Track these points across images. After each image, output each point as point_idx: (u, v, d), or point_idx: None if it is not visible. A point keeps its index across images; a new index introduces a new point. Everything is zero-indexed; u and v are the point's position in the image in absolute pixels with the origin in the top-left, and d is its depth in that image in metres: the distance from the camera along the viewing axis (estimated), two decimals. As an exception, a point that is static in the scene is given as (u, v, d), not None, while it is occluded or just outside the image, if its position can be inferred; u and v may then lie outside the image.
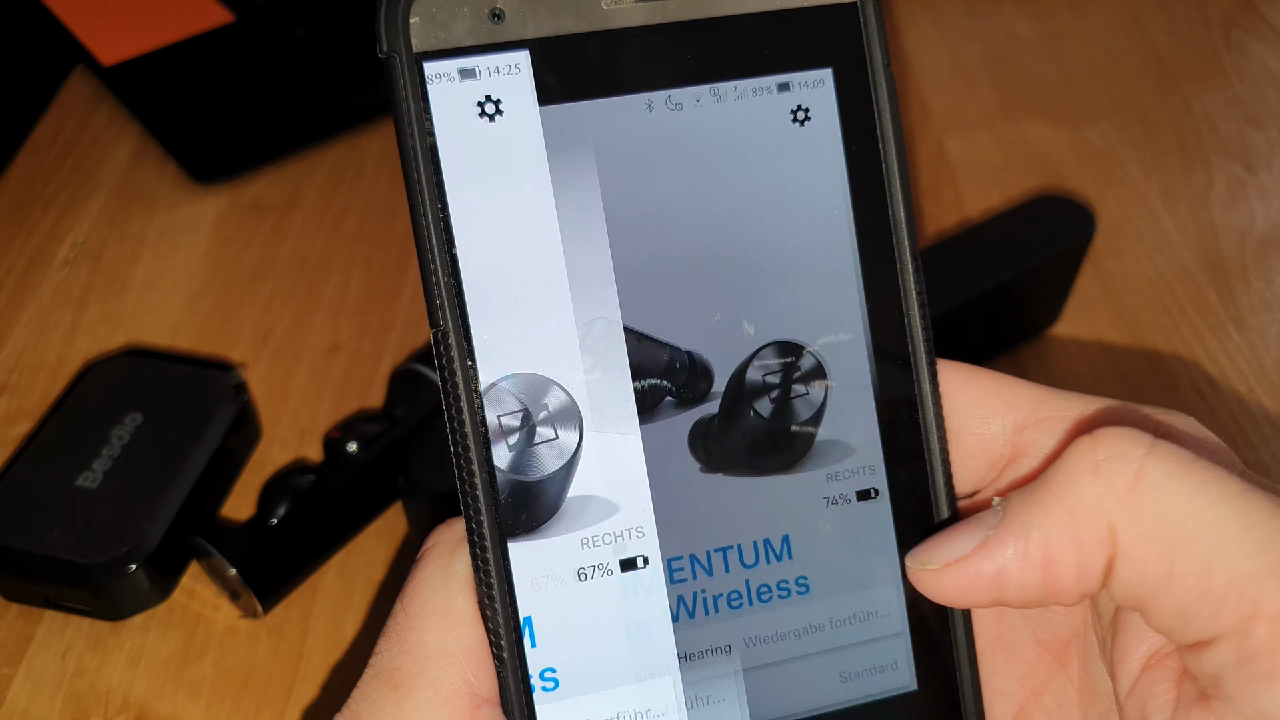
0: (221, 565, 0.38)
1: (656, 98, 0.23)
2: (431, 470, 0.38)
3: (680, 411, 0.24)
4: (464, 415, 0.22)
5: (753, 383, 0.25)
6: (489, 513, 0.22)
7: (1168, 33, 0.67)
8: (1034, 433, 0.24)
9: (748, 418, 0.25)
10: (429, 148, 0.22)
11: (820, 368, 0.25)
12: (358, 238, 0.54)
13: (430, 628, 0.22)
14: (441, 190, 0.22)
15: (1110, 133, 0.60)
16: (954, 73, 0.64)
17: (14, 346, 0.49)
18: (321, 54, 0.64)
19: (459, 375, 0.22)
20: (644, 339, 0.24)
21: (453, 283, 0.22)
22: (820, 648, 0.25)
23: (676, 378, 0.24)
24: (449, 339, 0.22)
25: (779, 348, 0.25)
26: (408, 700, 0.21)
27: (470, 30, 0.22)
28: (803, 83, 0.25)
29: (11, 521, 0.38)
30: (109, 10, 0.66)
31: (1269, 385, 0.47)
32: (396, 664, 0.21)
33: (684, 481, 0.24)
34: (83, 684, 0.37)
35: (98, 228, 0.55)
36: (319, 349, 0.49)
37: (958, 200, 0.55)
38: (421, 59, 0.22)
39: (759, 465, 0.25)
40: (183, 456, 0.40)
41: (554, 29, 0.22)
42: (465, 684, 0.21)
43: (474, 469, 0.22)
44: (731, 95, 0.24)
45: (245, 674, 0.38)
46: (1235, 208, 0.55)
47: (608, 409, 0.24)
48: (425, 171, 0.22)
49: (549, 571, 0.23)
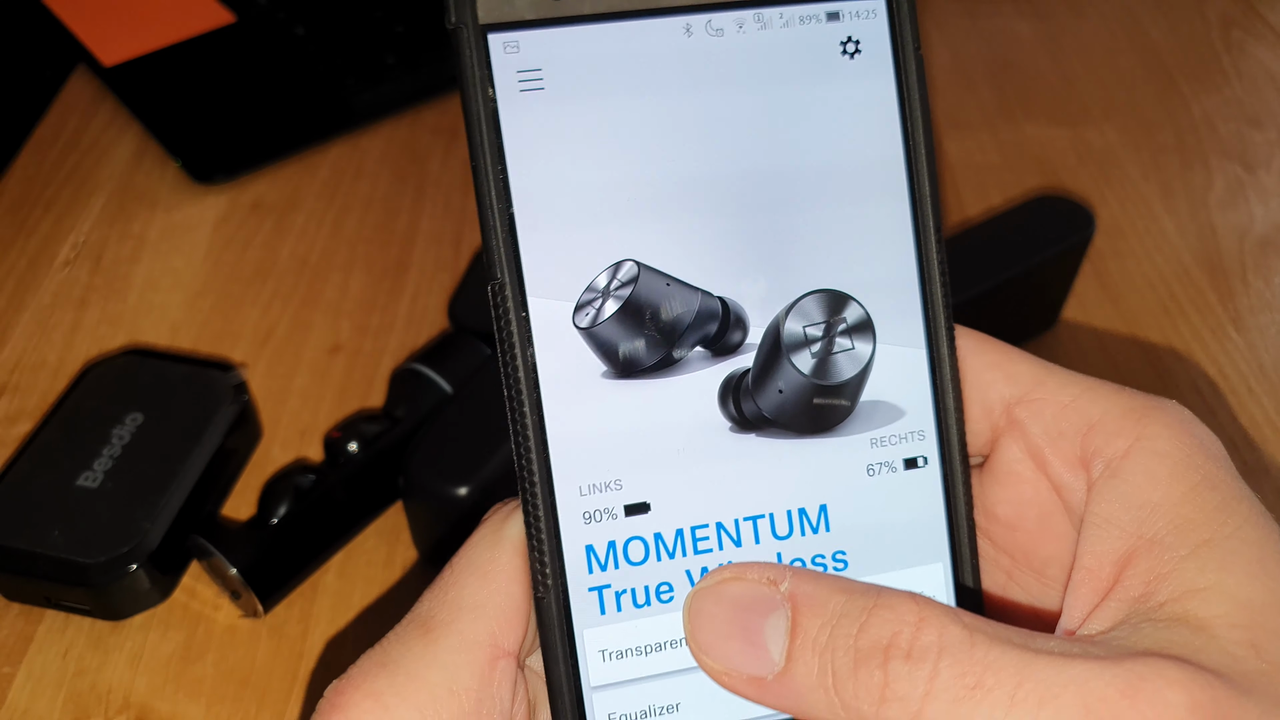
0: (222, 565, 0.38)
1: (696, 21, 0.24)
2: (431, 471, 0.38)
3: (711, 363, 0.24)
4: (517, 361, 0.23)
5: (792, 334, 0.24)
6: (539, 459, 0.23)
7: (1167, 33, 0.67)
8: (1023, 411, 0.24)
9: (785, 371, 0.24)
10: (491, 112, 0.23)
11: (868, 321, 0.24)
12: (358, 238, 0.54)
13: (468, 584, 0.23)
14: (501, 152, 0.23)
15: (1110, 133, 0.60)
16: (954, 73, 0.64)
17: (15, 346, 0.49)
18: (322, 54, 0.64)
19: (514, 325, 0.23)
20: (673, 282, 0.24)
21: (510, 238, 0.23)
22: None
23: (708, 326, 0.24)
24: (505, 290, 0.23)
25: (822, 296, 0.24)
26: (435, 644, 0.22)
27: (531, 5, 0.23)
28: (853, 12, 0.24)
29: (12, 521, 0.38)
30: (110, 11, 0.66)
31: (1268, 385, 0.47)
32: (432, 613, 0.23)
33: (710, 440, 0.24)
34: (83, 684, 0.37)
35: (98, 228, 0.55)
36: (319, 349, 0.49)
37: (957, 200, 0.55)
38: (486, 30, 0.23)
39: (795, 425, 0.24)
40: (183, 456, 0.40)
41: (608, 5, 0.23)
42: (490, 636, 0.23)
43: (525, 411, 0.23)
44: (777, 22, 0.24)
45: (246, 673, 0.38)
46: (1234, 208, 0.55)
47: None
48: (488, 135, 0.23)
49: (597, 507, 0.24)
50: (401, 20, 0.66)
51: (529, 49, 0.23)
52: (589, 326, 0.23)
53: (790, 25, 0.24)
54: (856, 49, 0.24)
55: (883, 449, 0.24)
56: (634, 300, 0.23)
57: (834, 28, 0.24)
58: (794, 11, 0.24)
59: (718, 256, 0.24)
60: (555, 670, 0.23)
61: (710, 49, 0.24)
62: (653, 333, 0.24)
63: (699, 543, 0.24)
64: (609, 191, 0.23)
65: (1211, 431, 0.23)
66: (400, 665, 0.22)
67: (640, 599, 0.23)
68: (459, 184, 0.57)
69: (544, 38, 0.23)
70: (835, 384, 0.24)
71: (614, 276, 0.23)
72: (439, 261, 0.53)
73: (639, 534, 0.23)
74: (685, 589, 0.23)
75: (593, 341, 0.23)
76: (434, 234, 0.54)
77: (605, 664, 0.23)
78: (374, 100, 0.61)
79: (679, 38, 0.24)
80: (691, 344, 0.24)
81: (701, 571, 0.23)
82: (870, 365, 0.24)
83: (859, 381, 0.24)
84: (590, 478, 0.23)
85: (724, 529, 0.24)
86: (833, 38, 0.24)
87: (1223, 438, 0.23)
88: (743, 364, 0.24)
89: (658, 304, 0.24)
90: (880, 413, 0.24)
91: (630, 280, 0.23)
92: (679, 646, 0.23)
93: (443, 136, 0.60)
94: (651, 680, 0.23)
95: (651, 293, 0.23)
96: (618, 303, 0.23)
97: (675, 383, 0.24)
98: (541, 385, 0.23)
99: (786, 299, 0.24)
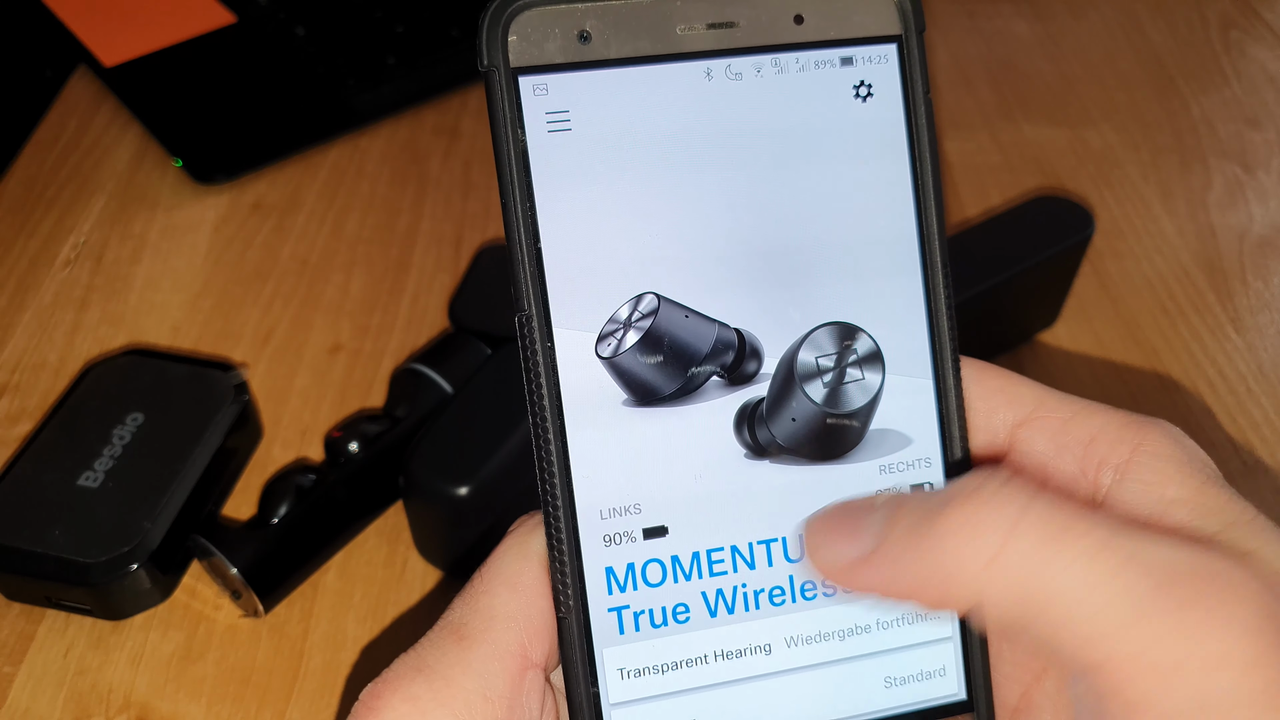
0: (223, 564, 0.38)
1: (716, 66, 0.25)
2: (432, 470, 0.38)
3: (727, 392, 0.25)
4: (543, 389, 0.24)
5: (805, 365, 0.25)
6: (562, 483, 0.24)
7: (1166, 34, 0.67)
8: (1027, 430, 0.25)
9: (798, 400, 0.25)
10: (521, 152, 0.24)
11: (878, 352, 0.25)
12: (359, 238, 0.54)
13: (499, 593, 0.24)
14: (530, 190, 0.24)
15: (1109, 133, 0.60)
16: (953, 74, 0.64)
17: (16, 346, 0.49)
18: (322, 55, 0.64)
19: (539, 355, 0.24)
20: (691, 314, 0.25)
21: (537, 272, 0.24)
22: (865, 650, 0.25)
23: (724, 356, 0.25)
24: (532, 322, 0.24)
25: (834, 329, 0.25)
26: (469, 652, 0.23)
27: (560, 49, 0.24)
28: (866, 57, 0.25)
29: (13, 521, 0.39)
30: (110, 11, 0.66)
31: (1268, 385, 0.47)
32: (465, 620, 0.24)
33: (726, 466, 0.25)
34: (84, 683, 0.37)
35: (99, 228, 0.55)
36: (320, 349, 0.49)
37: (957, 201, 0.56)
38: (517, 73, 0.24)
39: (807, 452, 0.25)
40: (184, 456, 0.40)
41: (633, 50, 0.24)
42: (521, 647, 0.24)
43: (550, 438, 0.24)
44: (793, 67, 0.25)
45: (246, 673, 0.38)
46: (1233, 208, 0.55)
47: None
48: (518, 174, 0.24)
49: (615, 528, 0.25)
50: (401, 20, 0.66)
51: (557, 91, 0.24)
52: (611, 356, 0.24)
53: (806, 70, 0.25)
54: (869, 92, 0.25)
55: (891, 475, 0.25)
56: (654, 331, 0.24)
57: (847, 72, 0.25)
58: (809, 57, 0.25)
59: (735, 290, 0.25)
60: (576, 687, 0.24)
61: (730, 92, 0.25)
62: (671, 362, 0.25)
63: (714, 565, 0.24)
64: (632, 228, 0.24)
65: (1199, 448, 0.24)
66: (436, 670, 0.23)
67: (658, 619, 0.24)
68: (459, 184, 0.57)
69: (572, 81, 0.24)
70: (846, 412, 0.25)
71: (635, 308, 0.24)
72: (439, 262, 0.53)
73: (657, 556, 0.24)
74: (701, 610, 0.24)
75: (614, 371, 0.24)
76: (434, 234, 0.55)
77: (624, 682, 0.24)
78: (374, 100, 0.61)
79: (700, 81, 0.25)
80: (708, 374, 0.25)
81: (717, 593, 0.24)
82: (879, 395, 0.25)
83: (869, 410, 0.25)
84: (611, 502, 0.24)
85: (739, 552, 0.24)
86: (846, 82, 0.25)
87: (1222, 438, 0.24)
88: (757, 393, 0.25)
89: (676, 335, 0.25)
90: (889, 440, 0.25)
91: (650, 312, 0.24)
92: (695, 665, 0.24)
93: (443, 137, 0.60)
94: (668, 698, 0.24)
95: (671, 324, 0.24)
96: (638, 333, 0.24)
97: (693, 411, 0.25)
98: (565, 412, 0.24)
99: (800, 332, 0.25)
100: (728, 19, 0.25)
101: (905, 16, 0.25)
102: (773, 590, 0.25)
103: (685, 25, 0.24)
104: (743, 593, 0.25)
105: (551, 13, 0.24)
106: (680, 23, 0.24)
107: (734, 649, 0.25)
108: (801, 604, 0.25)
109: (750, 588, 0.25)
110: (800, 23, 0.25)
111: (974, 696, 0.25)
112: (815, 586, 0.25)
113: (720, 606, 0.24)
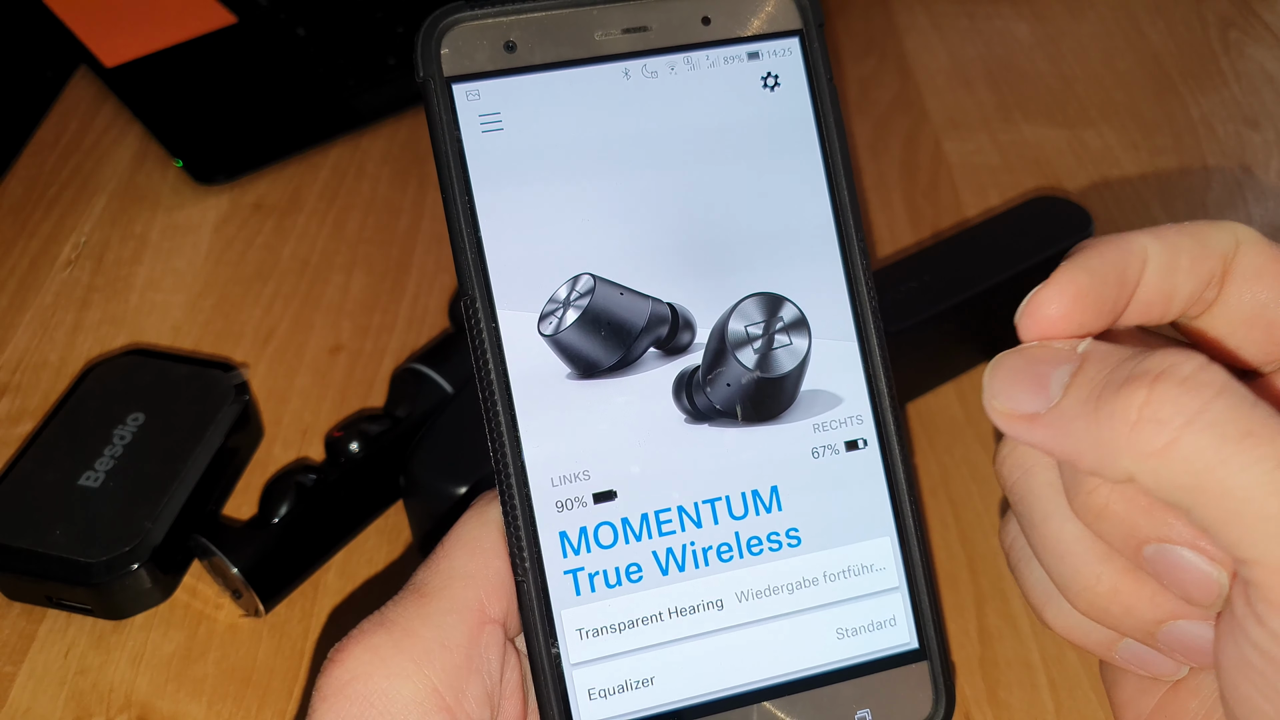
0: (223, 564, 0.38)
1: (633, 66, 0.27)
2: (432, 470, 0.38)
3: (664, 362, 0.26)
4: (489, 367, 0.26)
5: (735, 333, 0.27)
6: (513, 454, 0.25)
7: (1165, 34, 0.67)
8: (1240, 254, 0.25)
9: (731, 367, 0.26)
10: (458, 152, 0.26)
11: (803, 318, 0.27)
12: (359, 238, 0.54)
13: (458, 556, 0.26)
14: (469, 185, 0.26)
15: (1108, 134, 0.60)
16: (952, 74, 0.65)
17: (17, 346, 0.49)
18: (323, 55, 0.64)
19: (485, 335, 0.26)
20: (626, 291, 0.26)
21: (479, 259, 0.26)
22: (815, 603, 0.26)
23: (659, 329, 0.26)
24: (475, 304, 0.26)
25: (761, 299, 0.27)
26: (428, 607, 0.25)
27: (489, 58, 0.26)
28: (771, 51, 0.28)
29: (14, 520, 0.39)
30: (111, 12, 0.66)
31: (1266, 386, 0.47)
32: (426, 580, 0.25)
33: (667, 431, 0.26)
34: (85, 683, 0.38)
35: (100, 228, 0.55)
36: (321, 349, 0.49)
37: (956, 201, 0.56)
38: (451, 82, 0.26)
39: (743, 414, 0.26)
40: (185, 456, 0.41)
41: (556, 56, 0.27)
42: (478, 602, 0.25)
43: (499, 412, 0.26)
44: (704, 63, 0.27)
45: (247, 673, 0.38)
46: (1232, 209, 0.55)
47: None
48: (455, 171, 0.26)
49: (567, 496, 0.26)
50: (402, 21, 0.66)
51: (488, 96, 0.26)
52: (553, 334, 0.26)
53: (716, 65, 0.27)
54: (776, 82, 0.28)
55: (825, 433, 0.27)
56: (591, 309, 0.26)
57: (755, 65, 0.28)
58: (719, 53, 0.27)
59: (665, 266, 0.27)
60: (537, 649, 0.25)
61: (647, 88, 0.27)
62: (610, 337, 0.26)
63: (662, 525, 0.26)
64: (564, 214, 0.26)
65: None
66: (397, 624, 0.24)
67: (612, 580, 0.26)
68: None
69: (501, 86, 0.26)
70: (777, 376, 0.27)
71: (573, 288, 0.26)
72: (440, 262, 0.53)
73: (607, 519, 0.26)
74: (653, 569, 0.26)
75: (556, 347, 0.26)
76: (435, 234, 0.55)
77: (583, 642, 0.25)
78: (375, 101, 0.61)
79: (619, 81, 0.27)
80: (645, 346, 0.26)
81: (667, 552, 0.26)
82: (808, 358, 0.27)
83: (798, 373, 0.27)
84: (560, 469, 0.26)
85: (685, 511, 0.26)
86: (754, 74, 0.28)
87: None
88: (693, 362, 0.26)
89: (613, 311, 0.26)
90: (820, 400, 0.27)
91: (588, 291, 0.26)
92: (651, 623, 0.26)
93: (443, 137, 0.60)
94: (627, 656, 0.26)
95: (607, 301, 0.26)
96: (577, 311, 0.26)
97: (633, 381, 0.26)
98: (512, 388, 0.26)
99: (728, 303, 0.27)
100: (641, 24, 0.27)
101: (805, 13, 0.28)
102: (720, 547, 0.26)
103: (602, 31, 0.27)
104: (691, 550, 0.26)
105: (479, 26, 0.26)
106: (598, 29, 0.27)
107: (687, 605, 0.26)
108: (749, 559, 0.26)
109: (698, 545, 0.26)
110: (708, 24, 0.27)
111: (925, 645, 0.26)
112: (761, 542, 0.26)
113: (671, 565, 0.26)
